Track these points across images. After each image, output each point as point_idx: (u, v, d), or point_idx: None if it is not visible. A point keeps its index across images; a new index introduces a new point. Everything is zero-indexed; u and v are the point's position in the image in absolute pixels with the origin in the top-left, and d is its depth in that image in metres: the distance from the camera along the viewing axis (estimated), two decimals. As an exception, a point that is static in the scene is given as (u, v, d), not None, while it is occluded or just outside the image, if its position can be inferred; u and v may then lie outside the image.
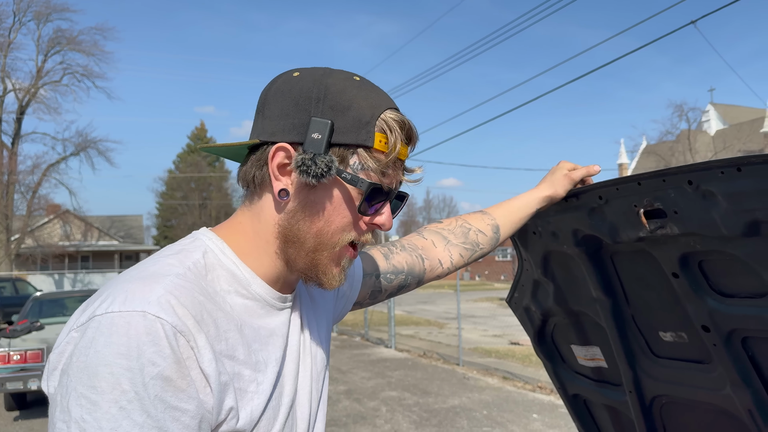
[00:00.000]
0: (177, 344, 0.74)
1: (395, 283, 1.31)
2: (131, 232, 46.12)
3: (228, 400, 0.80)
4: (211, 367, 0.77)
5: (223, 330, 0.82)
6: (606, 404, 1.97)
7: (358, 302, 1.29)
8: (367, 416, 7.35)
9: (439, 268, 1.39)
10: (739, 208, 1.27)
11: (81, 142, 33.77)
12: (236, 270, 0.90)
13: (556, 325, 2.00)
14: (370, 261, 1.29)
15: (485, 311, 20.82)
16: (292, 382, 0.95)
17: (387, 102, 0.92)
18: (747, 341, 1.48)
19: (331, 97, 0.87)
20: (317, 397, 1.03)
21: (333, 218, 0.89)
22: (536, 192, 1.53)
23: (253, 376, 0.85)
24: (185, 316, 0.76)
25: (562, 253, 1.76)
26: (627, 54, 16.36)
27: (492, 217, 1.48)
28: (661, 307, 1.63)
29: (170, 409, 0.72)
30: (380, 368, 10.69)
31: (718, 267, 1.44)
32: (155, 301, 0.74)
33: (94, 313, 0.74)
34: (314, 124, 0.85)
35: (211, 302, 0.82)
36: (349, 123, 0.87)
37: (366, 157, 0.88)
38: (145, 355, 0.71)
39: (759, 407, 1.51)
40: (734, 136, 39.37)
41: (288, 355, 0.95)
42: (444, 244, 1.40)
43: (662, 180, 1.38)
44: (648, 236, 1.48)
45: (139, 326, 0.72)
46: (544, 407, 7.60)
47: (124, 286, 0.77)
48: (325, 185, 0.88)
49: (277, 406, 0.90)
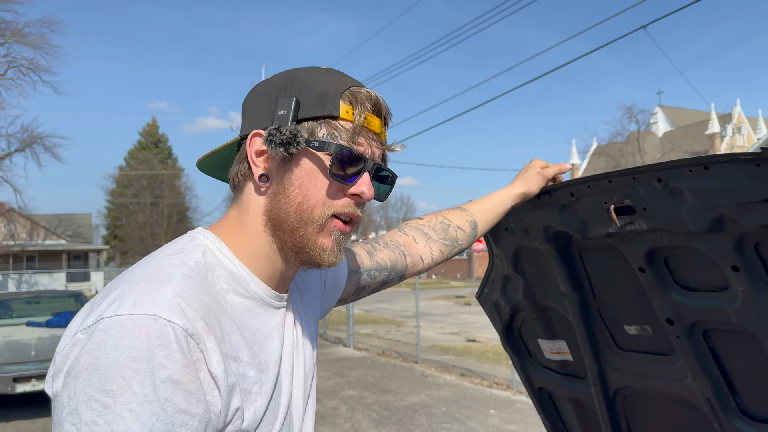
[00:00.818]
0: (188, 347, 0.74)
1: (379, 279, 1.33)
2: (80, 231, 44.67)
3: (235, 401, 0.81)
4: (220, 369, 0.78)
5: (227, 332, 0.82)
6: (571, 397, 2.02)
7: (343, 299, 1.30)
8: (327, 416, 7.32)
9: (420, 264, 1.41)
10: (705, 204, 1.32)
11: (26, 138, 32.44)
12: (234, 269, 0.90)
13: (524, 320, 2.04)
14: (354, 258, 1.30)
15: (442, 309, 21.00)
16: (289, 381, 0.96)
17: (353, 81, 0.95)
18: (708, 333, 1.54)
19: (297, 81, 0.93)
20: (308, 392, 1.04)
21: (310, 191, 0.90)
22: (511, 189, 1.57)
23: (257, 376, 0.86)
24: (195, 318, 0.76)
25: (533, 248, 1.80)
26: (579, 57, 16.74)
27: (470, 213, 1.51)
28: (626, 301, 1.67)
29: (179, 412, 0.72)
30: (339, 367, 10.66)
31: (682, 262, 1.49)
32: (165, 305, 0.74)
33: (102, 315, 0.74)
34: (280, 103, 0.90)
35: (215, 303, 0.83)
36: (315, 98, 0.91)
37: (335, 125, 0.90)
38: (155, 359, 0.71)
39: (718, 396, 1.57)
40: (681, 138, 40.80)
41: (284, 355, 0.96)
42: (425, 240, 1.43)
43: (632, 178, 1.42)
44: (616, 232, 1.52)
45: (150, 330, 0.72)
46: (501, 403, 7.72)
47: (131, 288, 0.77)
48: (298, 160, 0.90)
49: (277, 406, 0.91)
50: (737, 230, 1.32)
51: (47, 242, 39.47)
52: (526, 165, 1.64)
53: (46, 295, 10.49)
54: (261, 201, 0.93)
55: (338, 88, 0.92)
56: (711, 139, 38.28)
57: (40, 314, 9.34)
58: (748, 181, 1.23)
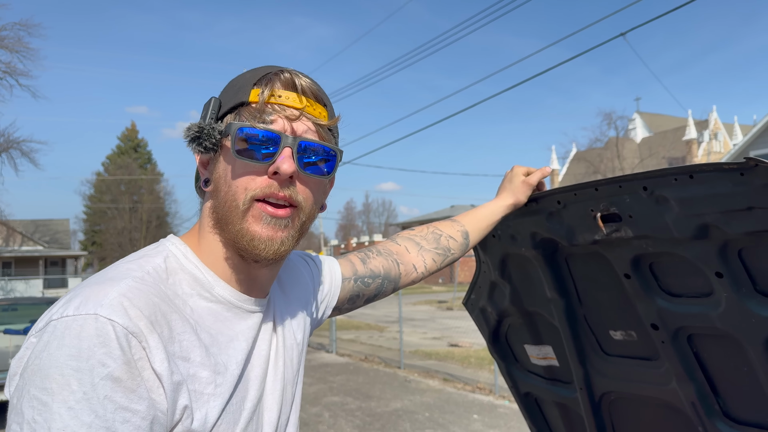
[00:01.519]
0: (128, 345, 0.74)
1: (372, 287, 1.33)
2: (57, 237, 44.01)
3: (182, 400, 0.80)
4: (163, 366, 0.77)
5: (178, 332, 0.82)
6: (556, 401, 2.03)
7: (338, 307, 1.29)
8: (310, 422, 7.28)
9: (413, 273, 1.42)
10: (690, 212, 1.35)
11: (3, 143, 31.90)
12: (199, 273, 0.91)
13: (511, 325, 2.05)
14: (348, 265, 1.31)
15: (424, 314, 21.01)
16: (258, 386, 0.94)
17: (278, 69, 0.92)
18: (692, 338, 1.56)
19: (228, 85, 0.96)
20: (290, 400, 1.03)
21: (231, 179, 0.90)
22: (500, 201, 1.60)
23: (212, 378, 0.85)
24: (138, 317, 0.77)
25: (520, 255, 1.81)
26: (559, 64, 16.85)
27: (461, 224, 1.54)
28: (612, 307, 1.69)
29: (120, 409, 0.72)
30: (322, 373, 10.61)
31: (667, 268, 1.52)
32: (107, 304, 0.75)
33: (51, 318, 0.75)
34: (204, 110, 0.93)
35: (167, 305, 0.83)
36: (232, 92, 0.93)
37: (244, 112, 0.90)
38: (95, 357, 0.72)
39: (702, 400, 1.60)
40: (659, 144, 41.37)
41: (254, 360, 0.95)
42: (417, 249, 1.44)
43: (618, 186, 1.45)
44: (603, 239, 1.54)
45: (90, 328, 0.73)
46: (483, 407, 7.74)
47: (81, 291, 0.78)
48: (221, 154, 0.92)
49: (239, 410, 0.89)
50: (721, 237, 1.34)
51: (24, 248, 38.85)
52: (508, 173, 1.65)
53: (23, 303, 10.38)
54: (208, 204, 0.95)
55: (256, 76, 0.91)
56: (688, 144, 38.86)
57: (18, 322, 9.18)
58: (732, 189, 1.25)
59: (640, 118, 47.23)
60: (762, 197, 1.22)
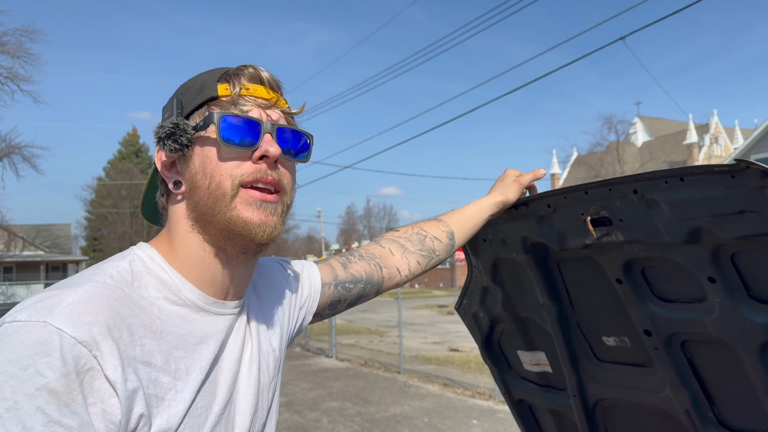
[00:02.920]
0: (72, 357, 0.72)
1: (354, 292, 1.32)
2: (58, 241, 44.01)
3: (137, 408, 0.78)
4: (117, 373, 0.75)
5: (139, 336, 0.80)
6: (550, 408, 2.01)
7: (318, 313, 1.28)
8: (308, 428, 7.25)
9: (397, 276, 1.40)
10: (681, 216, 1.32)
11: (4, 148, 31.94)
12: (166, 276, 0.90)
13: (503, 331, 2.03)
14: (328, 270, 1.29)
15: (425, 319, 20.97)
16: (227, 389, 0.93)
17: (236, 67, 0.96)
18: (686, 344, 1.54)
19: (180, 88, 0.96)
20: (266, 406, 1.02)
21: (214, 170, 0.90)
22: (488, 199, 1.58)
23: (172, 383, 0.83)
24: (92, 323, 0.75)
25: (511, 260, 1.79)
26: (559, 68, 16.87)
27: (447, 224, 1.51)
28: (604, 312, 1.67)
29: (51, 423, 0.69)
30: (321, 378, 10.58)
31: (659, 273, 1.49)
32: (60, 312, 0.73)
33: (4, 320, 0.75)
34: (164, 111, 0.93)
35: (129, 308, 0.81)
36: (195, 91, 0.93)
37: (213, 105, 0.92)
38: (34, 365, 0.70)
39: (696, 407, 1.57)
40: (660, 148, 41.37)
41: (224, 363, 0.94)
42: (401, 252, 1.42)
43: (608, 189, 1.42)
44: (593, 243, 1.52)
45: (35, 336, 0.71)
46: (483, 413, 7.71)
47: (40, 296, 0.77)
48: (195, 149, 0.92)
49: (204, 414, 0.88)
50: (713, 241, 1.32)
51: (25, 253, 38.84)
52: (501, 175, 1.65)
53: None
54: (181, 206, 0.93)
55: (215, 75, 0.94)
56: (689, 149, 38.84)
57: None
58: (723, 192, 1.23)
59: (641, 122, 47.27)
60: (754, 200, 1.20)
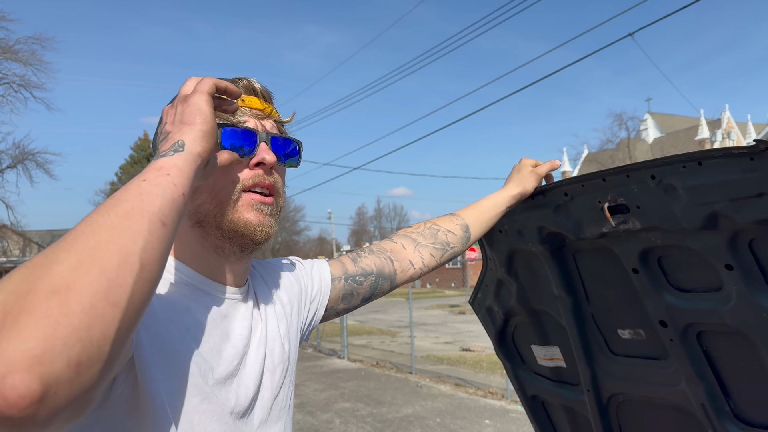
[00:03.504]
0: None
1: (366, 285, 1.34)
2: (72, 246, 44.34)
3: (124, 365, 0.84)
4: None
5: None
6: (563, 405, 1.98)
7: (333, 307, 1.32)
8: (321, 429, 7.23)
9: (411, 269, 1.41)
10: (698, 201, 1.29)
11: (18, 155, 32.18)
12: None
13: (518, 325, 2.01)
14: (338, 266, 1.34)
15: (437, 318, 20.93)
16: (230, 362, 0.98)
17: (231, 79, 1.01)
18: (702, 336, 1.50)
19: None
20: (271, 388, 1.06)
21: (217, 177, 0.96)
22: (505, 191, 1.58)
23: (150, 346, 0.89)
24: None
25: (527, 251, 1.77)
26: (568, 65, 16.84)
27: (461, 217, 1.52)
28: (620, 304, 1.64)
29: None
30: (333, 379, 10.58)
31: (676, 262, 1.46)
32: None
33: None
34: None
35: None
36: None
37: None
38: None
39: (711, 401, 1.53)
40: (671, 144, 41.12)
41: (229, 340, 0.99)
42: (414, 246, 1.44)
43: (626, 175, 1.40)
44: (610, 232, 1.50)
45: None
46: (495, 413, 7.66)
47: None
48: None
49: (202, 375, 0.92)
50: (731, 227, 1.29)
51: (39, 259, 39.15)
52: (516, 165, 1.65)
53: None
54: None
55: None
56: (701, 144, 38.55)
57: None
58: (741, 175, 1.20)
59: (652, 118, 46.99)
60: None
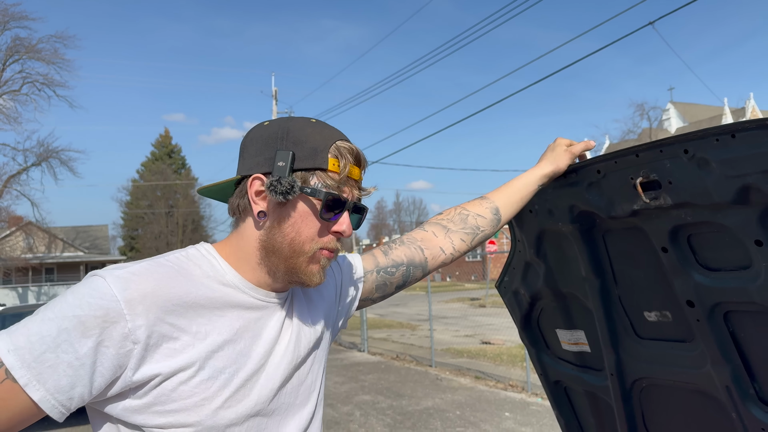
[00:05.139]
0: (108, 307, 0.92)
1: (398, 275, 1.43)
2: (97, 242, 45.04)
3: (156, 356, 0.96)
4: (141, 330, 0.94)
5: (173, 304, 0.99)
6: (586, 390, 1.98)
7: (368, 297, 1.42)
8: (341, 421, 7.29)
9: (441, 255, 1.47)
10: (731, 174, 1.28)
11: (42, 152, 32.76)
12: (215, 263, 1.09)
13: (543, 309, 2.01)
14: (370, 259, 1.42)
15: (456, 312, 20.91)
16: (256, 363, 1.08)
17: (338, 135, 1.11)
18: (729, 316, 1.49)
19: (291, 134, 1.08)
20: (304, 376, 1.18)
21: (302, 228, 1.07)
22: (537, 170, 1.58)
23: (191, 341, 1.00)
24: (134, 290, 0.95)
25: (557, 231, 1.77)
26: (588, 55, 16.64)
27: (491, 200, 1.54)
28: (647, 285, 1.63)
29: (66, 342, 0.90)
30: (353, 372, 10.65)
31: (705, 240, 1.46)
32: (117, 275, 0.96)
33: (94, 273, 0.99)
34: (279, 155, 1.06)
35: (171, 282, 1.00)
36: (307, 152, 1.07)
37: (323, 177, 1.07)
38: (83, 299, 0.93)
39: (736, 383, 1.52)
40: (694, 134, 40.26)
41: (260, 341, 1.09)
42: (444, 232, 1.48)
43: (659, 150, 1.40)
44: (641, 209, 1.49)
45: (94, 284, 0.95)
46: (515, 405, 7.65)
47: (115, 265, 1.01)
48: (293, 203, 1.07)
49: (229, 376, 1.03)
50: (762, 201, 1.28)
51: (65, 254, 39.83)
52: (551, 144, 1.64)
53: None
54: (258, 232, 1.10)
55: (327, 143, 1.08)
56: (725, 134, 37.80)
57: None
58: None
59: (674, 108, 46.26)
60: None
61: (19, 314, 9.82)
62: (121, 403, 0.97)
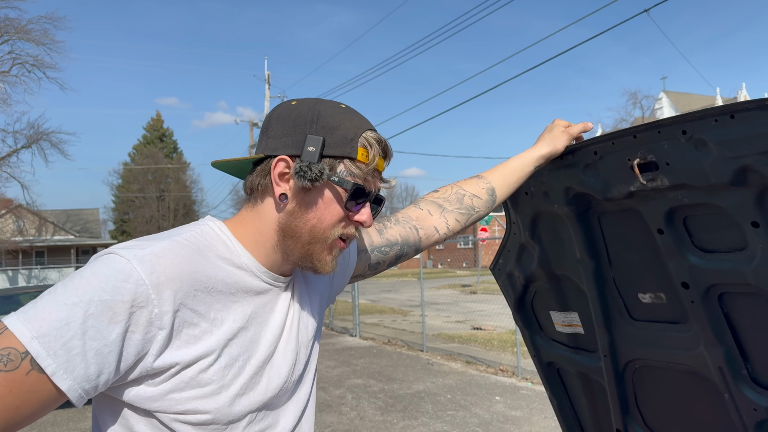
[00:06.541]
0: (135, 291, 0.90)
1: (391, 254, 1.43)
2: (87, 226, 44.78)
3: (177, 342, 0.95)
4: (167, 314, 0.93)
5: (194, 288, 0.98)
6: (579, 371, 1.99)
7: (360, 274, 1.43)
8: (333, 404, 7.34)
9: (435, 235, 1.47)
10: (728, 155, 1.28)
11: (33, 135, 32.46)
12: (230, 244, 1.07)
13: (537, 291, 2.01)
14: (365, 238, 1.40)
15: (448, 298, 20.99)
16: (267, 348, 1.09)
17: (368, 124, 1.11)
18: (723, 297, 1.50)
19: (322, 119, 1.06)
20: (303, 360, 1.18)
21: (324, 216, 1.07)
22: (534, 151, 1.57)
23: (209, 328, 1.00)
24: (160, 273, 0.93)
25: (552, 213, 1.77)
26: (582, 43, 16.61)
27: (487, 180, 1.53)
28: (642, 267, 1.64)
29: (93, 328, 0.87)
30: (345, 357, 10.69)
31: (701, 222, 1.46)
32: (141, 256, 0.93)
33: (106, 251, 0.96)
34: (309, 140, 1.04)
35: (192, 265, 0.98)
36: (338, 139, 1.06)
37: (351, 166, 1.07)
38: (108, 283, 0.89)
39: (729, 364, 1.53)
40: (686, 123, 40.38)
41: (269, 326, 1.10)
42: (440, 212, 1.47)
43: (657, 131, 1.39)
44: (637, 191, 1.49)
45: (119, 266, 0.91)
46: (506, 389, 7.73)
47: (131, 242, 0.98)
48: (318, 189, 1.06)
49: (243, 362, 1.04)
50: (759, 182, 1.28)
51: (56, 238, 39.65)
52: (548, 126, 1.63)
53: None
54: (277, 215, 1.08)
55: (357, 132, 1.07)
56: (717, 123, 37.94)
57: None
58: None
59: (667, 97, 46.34)
60: None
61: (8, 296, 9.79)
62: (135, 388, 0.95)
